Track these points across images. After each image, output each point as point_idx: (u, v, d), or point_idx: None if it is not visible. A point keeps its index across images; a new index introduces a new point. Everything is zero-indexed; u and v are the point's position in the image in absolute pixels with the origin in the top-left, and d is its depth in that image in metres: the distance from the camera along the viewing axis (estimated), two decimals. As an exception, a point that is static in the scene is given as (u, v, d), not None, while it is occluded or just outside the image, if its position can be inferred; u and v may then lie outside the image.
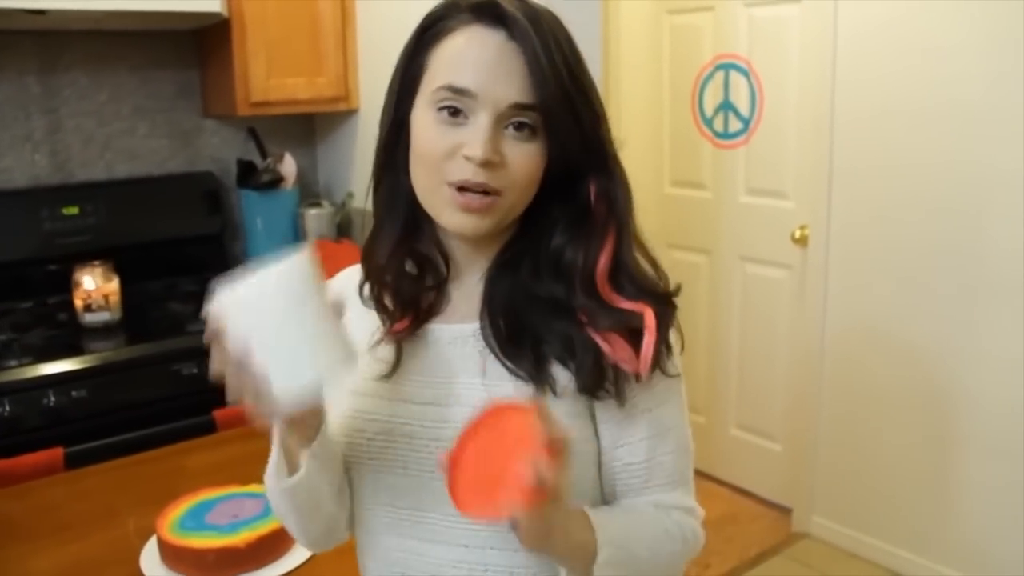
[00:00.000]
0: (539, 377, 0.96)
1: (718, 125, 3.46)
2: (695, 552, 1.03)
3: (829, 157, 2.97)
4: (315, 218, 3.02)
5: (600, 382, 0.95)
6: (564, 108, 0.93)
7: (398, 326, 1.03)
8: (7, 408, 2.09)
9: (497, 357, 0.97)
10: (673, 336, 0.99)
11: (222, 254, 3.05)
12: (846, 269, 2.99)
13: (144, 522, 1.50)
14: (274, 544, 1.38)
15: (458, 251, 1.03)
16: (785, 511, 3.33)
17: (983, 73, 2.55)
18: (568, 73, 0.93)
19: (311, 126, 3.26)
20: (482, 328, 0.99)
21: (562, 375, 0.96)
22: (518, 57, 0.92)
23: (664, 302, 0.98)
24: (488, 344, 0.98)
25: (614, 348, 0.94)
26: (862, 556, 3.04)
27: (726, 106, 3.42)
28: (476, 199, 0.93)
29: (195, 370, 2.31)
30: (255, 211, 2.99)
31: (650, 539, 0.98)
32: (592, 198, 0.98)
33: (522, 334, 0.97)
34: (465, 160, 0.92)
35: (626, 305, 0.95)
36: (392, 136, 1.00)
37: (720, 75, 3.42)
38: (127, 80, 2.87)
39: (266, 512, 1.41)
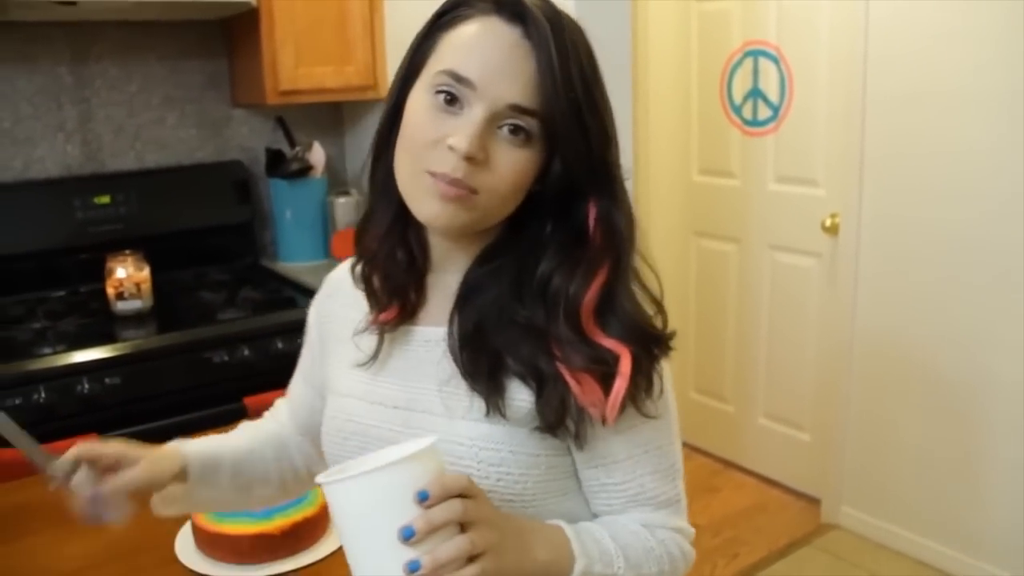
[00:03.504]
0: (491, 399, 0.92)
1: (747, 112, 3.43)
2: (683, 572, 1.00)
3: (860, 144, 2.94)
4: (344, 206, 3.03)
5: (561, 421, 0.90)
6: (570, 121, 0.88)
7: (384, 316, 1.02)
8: (42, 395, 2.11)
9: (457, 368, 0.94)
10: (657, 379, 0.93)
11: (251, 243, 3.07)
12: (877, 257, 2.96)
13: (178, 508, 1.51)
14: (308, 531, 1.39)
15: (437, 248, 1.00)
16: (814, 501, 3.31)
17: (1019, 57, 2.51)
18: (582, 86, 0.88)
19: (339, 115, 3.27)
20: (448, 335, 0.96)
21: (519, 400, 0.92)
22: (529, 58, 0.88)
23: (654, 344, 0.92)
24: (451, 353, 0.95)
25: (583, 389, 0.89)
26: (891, 547, 3.01)
27: (755, 93, 3.39)
28: (452, 188, 0.88)
29: (226, 358, 2.32)
30: (284, 200, 3.01)
31: (631, 555, 0.93)
32: (591, 223, 0.92)
33: (484, 350, 0.93)
34: (448, 151, 0.87)
35: (607, 344, 0.89)
36: (390, 119, 0.97)
37: (749, 62, 3.38)
38: (157, 70, 2.89)
39: (300, 499, 1.42)
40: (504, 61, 0.88)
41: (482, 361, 0.93)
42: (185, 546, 1.41)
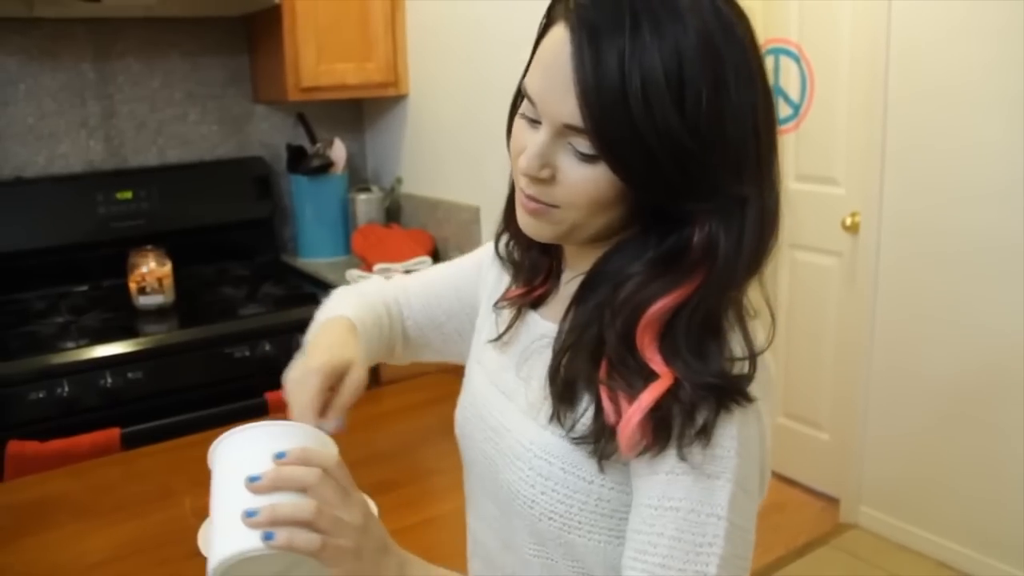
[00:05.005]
0: (558, 406, 0.86)
1: (767, 111, 3.41)
2: None
3: (882, 143, 2.92)
4: (364, 203, 3.04)
5: (594, 437, 0.82)
6: (627, 140, 0.76)
7: (513, 292, 1.02)
8: (66, 389, 2.13)
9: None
10: (723, 434, 0.78)
11: (272, 239, 3.09)
12: (897, 256, 2.95)
13: (200, 502, 1.50)
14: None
15: (567, 247, 0.96)
16: (832, 501, 3.29)
17: (1043, 57, 2.49)
18: (639, 99, 0.74)
19: (359, 112, 3.28)
20: (556, 334, 0.91)
21: (586, 417, 0.85)
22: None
23: (716, 387, 0.78)
24: (553, 352, 0.90)
25: (614, 407, 0.80)
26: (912, 548, 3.00)
27: (776, 91, 3.37)
28: (530, 203, 0.84)
29: (247, 353, 2.34)
30: (305, 196, 3.02)
31: None
32: (694, 240, 0.80)
33: (563, 356, 0.87)
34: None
35: (653, 363, 0.79)
36: (514, 103, 0.91)
37: (770, 59, 3.37)
38: (179, 66, 2.91)
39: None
40: (556, 76, 0.78)
41: (559, 368, 0.87)
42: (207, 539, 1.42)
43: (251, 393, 2.25)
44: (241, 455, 0.78)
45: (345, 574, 0.75)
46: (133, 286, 2.49)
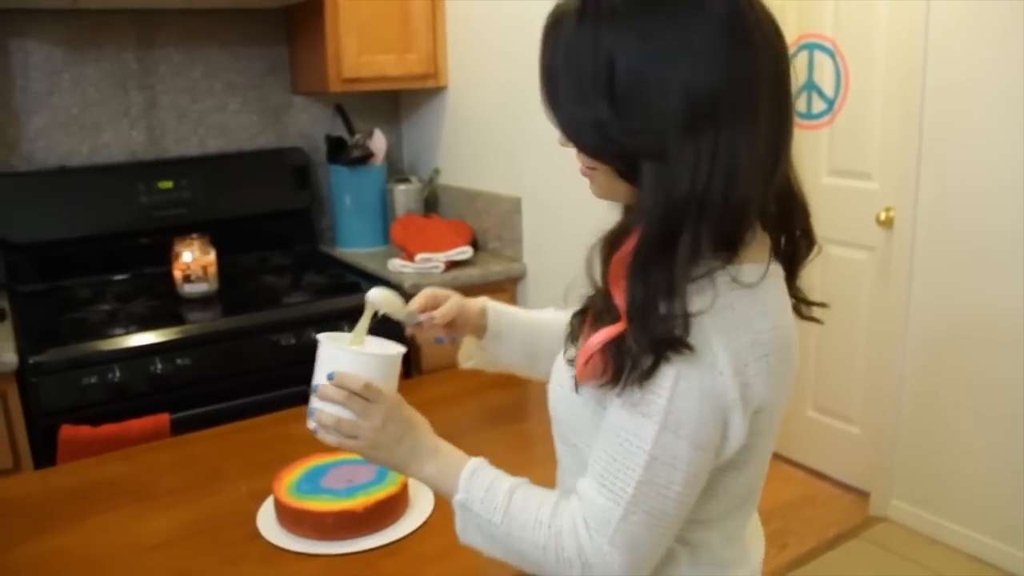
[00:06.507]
0: (566, 343, 1.05)
1: (800, 106, 3.41)
2: (568, 567, 0.97)
3: (918, 137, 2.92)
4: (403, 193, 3.06)
5: (572, 367, 0.98)
6: (550, 114, 0.94)
7: None
8: (117, 374, 2.16)
9: None
10: (662, 380, 0.89)
11: (310, 229, 3.11)
12: (933, 252, 2.94)
13: (257, 486, 1.54)
14: (390, 508, 1.41)
15: None
16: (863, 494, 3.30)
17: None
18: (544, 80, 0.93)
19: (396, 103, 3.30)
20: None
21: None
22: None
23: (654, 336, 0.87)
24: None
25: (588, 337, 0.94)
26: (943, 542, 3.00)
27: (809, 86, 3.37)
28: (583, 167, 0.98)
29: (293, 341, 2.36)
30: (344, 186, 3.04)
31: (515, 516, 0.99)
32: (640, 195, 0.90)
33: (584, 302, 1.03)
34: None
35: (617, 301, 0.90)
36: None
37: (804, 54, 3.37)
38: (219, 56, 2.94)
39: (380, 478, 1.45)
40: None
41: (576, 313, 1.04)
42: (267, 522, 1.44)
43: (297, 381, 2.26)
44: (319, 360, 1.13)
45: (370, 458, 1.09)
46: (178, 274, 2.52)
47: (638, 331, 0.88)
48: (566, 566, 0.95)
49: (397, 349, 1.17)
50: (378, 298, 1.25)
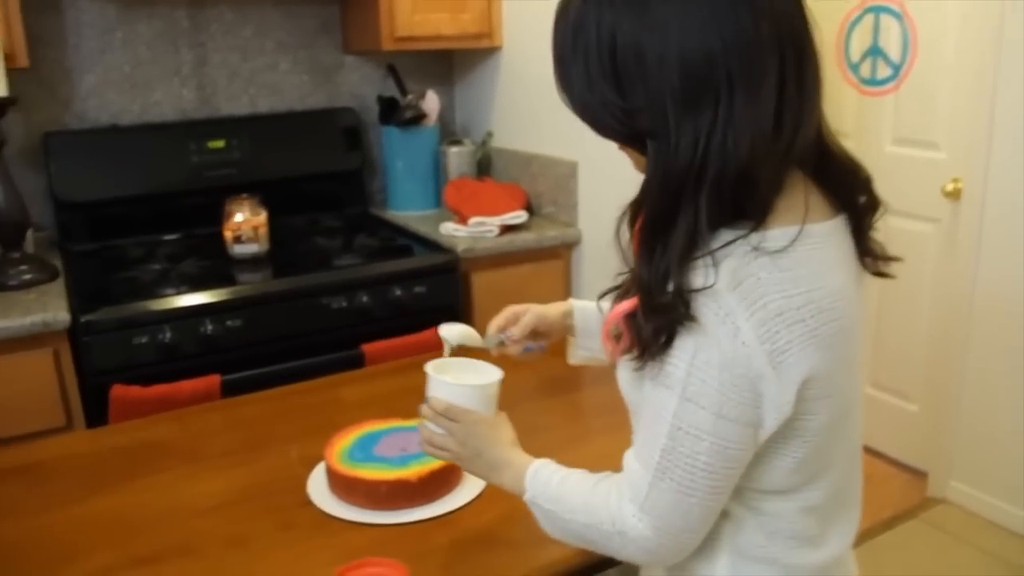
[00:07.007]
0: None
1: (865, 71, 3.30)
2: (616, 542, 1.02)
3: (991, 106, 2.79)
4: (456, 156, 3.01)
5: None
6: (566, 97, 0.97)
7: None
8: (167, 335, 2.15)
9: None
10: (678, 352, 0.90)
11: (361, 191, 3.07)
12: (1003, 225, 2.83)
13: (307, 451, 1.52)
14: (444, 479, 1.38)
15: None
16: (920, 475, 3.22)
17: None
18: (556, 61, 0.96)
19: (449, 64, 3.24)
20: None
21: None
22: None
23: (661, 307, 0.89)
24: None
25: (613, 313, 0.97)
26: (1003, 525, 2.92)
27: (875, 51, 3.25)
28: None
29: (344, 304, 2.33)
30: (396, 148, 2.99)
31: (567, 501, 1.06)
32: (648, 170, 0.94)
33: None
34: None
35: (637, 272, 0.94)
36: None
37: (869, 18, 3.25)
38: (271, 15, 2.90)
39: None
40: None
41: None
42: (318, 489, 1.41)
43: (347, 344, 2.25)
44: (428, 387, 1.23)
45: (462, 467, 1.23)
46: (228, 234, 2.50)
47: (645, 305, 0.91)
48: (606, 539, 1.01)
49: (477, 380, 1.23)
50: (451, 334, 1.34)
